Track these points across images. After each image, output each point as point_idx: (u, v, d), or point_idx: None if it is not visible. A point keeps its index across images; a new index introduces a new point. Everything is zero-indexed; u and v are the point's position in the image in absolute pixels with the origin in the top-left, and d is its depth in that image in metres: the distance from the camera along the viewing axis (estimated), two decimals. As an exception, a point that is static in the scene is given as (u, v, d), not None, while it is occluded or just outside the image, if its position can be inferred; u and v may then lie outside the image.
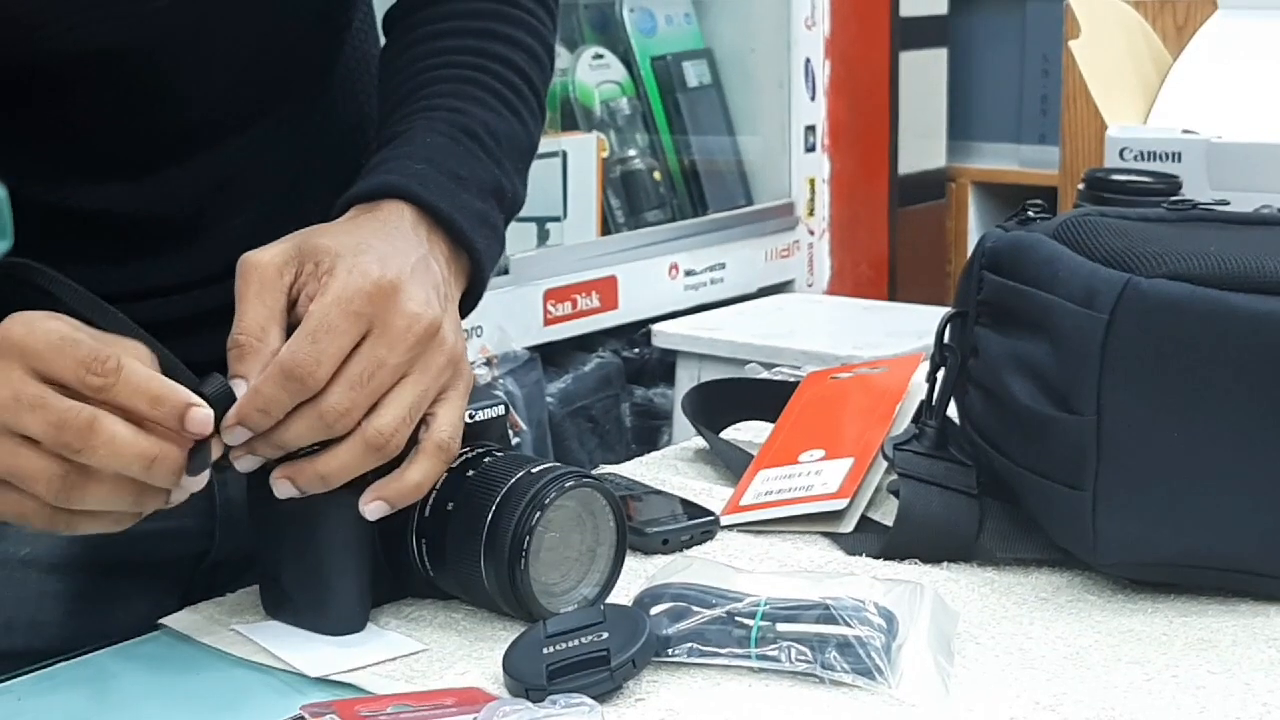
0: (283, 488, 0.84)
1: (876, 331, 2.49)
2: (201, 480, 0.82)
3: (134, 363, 0.80)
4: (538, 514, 0.85)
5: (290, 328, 0.84)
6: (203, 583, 0.97)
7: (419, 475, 0.85)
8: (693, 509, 1.05)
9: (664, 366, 2.76)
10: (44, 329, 0.80)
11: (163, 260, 0.99)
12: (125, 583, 1.01)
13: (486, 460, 0.88)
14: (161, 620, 0.91)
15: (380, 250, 0.87)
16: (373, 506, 0.85)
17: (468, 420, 0.89)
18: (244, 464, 0.85)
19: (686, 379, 2.50)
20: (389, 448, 0.84)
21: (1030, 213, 1.01)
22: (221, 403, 0.82)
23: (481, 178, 0.96)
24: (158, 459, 0.80)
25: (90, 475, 0.80)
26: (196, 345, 0.87)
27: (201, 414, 0.81)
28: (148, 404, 0.80)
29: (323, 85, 1.06)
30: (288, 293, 0.85)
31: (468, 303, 0.95)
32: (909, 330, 2.43)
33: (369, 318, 0.84)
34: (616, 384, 2.81)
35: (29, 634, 0.98)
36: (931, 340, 1.02)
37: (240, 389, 0.83)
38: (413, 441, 0.86)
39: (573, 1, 2.93)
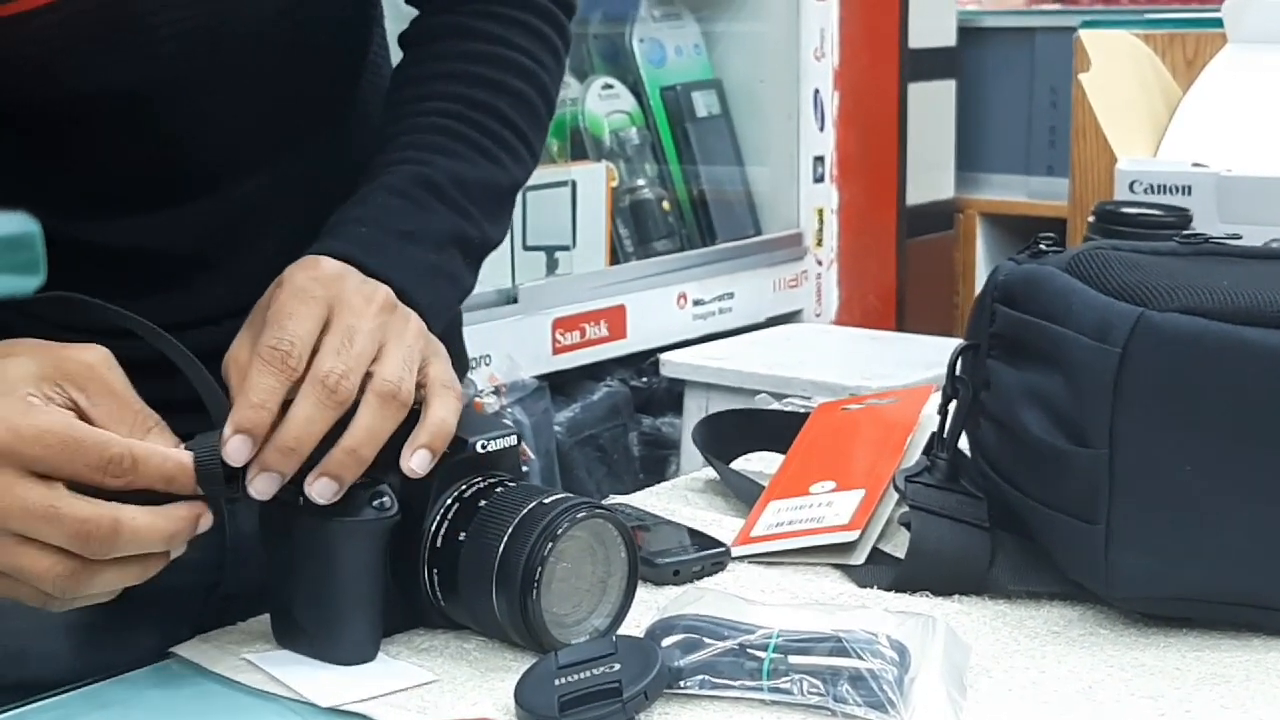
0: (322, 487, 0.83)
1: (885, 362, 2.48)
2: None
3: (142, 447, 0.80)
4: (550, 544, 0.85)
5: (288, 404, 0.84)
6: (214, 615, 0.97)
7: (442, 411, 0.87)
8: (704, 540, 1.05)
9: (672, 396, 2.76)
10: (29, 427, 0.78)
11: (179, 295, 1.00)
12: (136, 615, 1.00)
13: (499, 490, 0.88)
14: (172, 649, 0.91)
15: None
16: (417, 457, 0.85)
17: (480, 450, 0.89)
18: (258, 485, 0.83)
19: (694, 408, 2.50)
20: (402, 394, 0.85)
21: (1042, 245, 1.01)
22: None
23: (436, 230, 0.97)
24: (177, 533, 0.82)
25: (98, 568, 0.80)
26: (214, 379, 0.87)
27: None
28: (164, 485, 0.81)
29: (339, 121, 1.06)
30: None
31: None
32: (918, 361, 2.43)
33: (326, 300, 0.87)
34: (624, 413, 2.80)
35: (41, 665, 0.98)
36: (940, 371, 1.02)
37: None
38: (408, 430, 0.86)
39: (582, 32, 2.94)
